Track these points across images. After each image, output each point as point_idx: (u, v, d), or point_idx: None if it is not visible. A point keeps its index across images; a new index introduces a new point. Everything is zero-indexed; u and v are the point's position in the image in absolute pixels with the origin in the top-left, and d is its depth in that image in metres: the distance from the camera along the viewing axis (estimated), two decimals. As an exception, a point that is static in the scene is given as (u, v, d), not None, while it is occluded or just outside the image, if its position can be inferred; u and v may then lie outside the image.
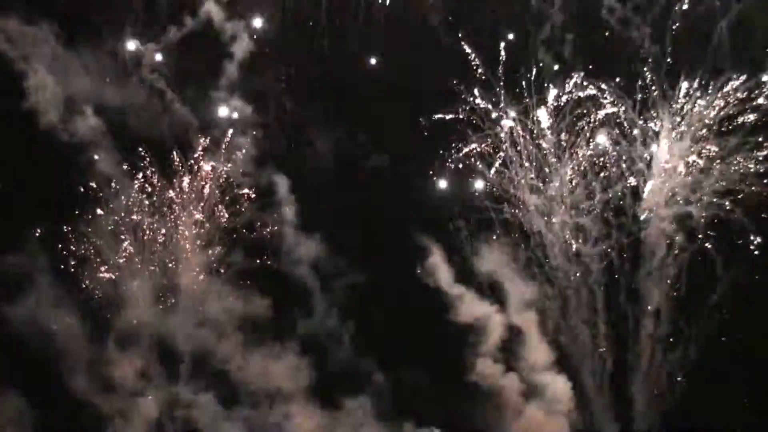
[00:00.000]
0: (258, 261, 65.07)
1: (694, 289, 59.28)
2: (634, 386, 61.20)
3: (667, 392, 60.13)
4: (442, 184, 62.92)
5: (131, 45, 62.72)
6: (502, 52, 60.41)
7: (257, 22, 63.35)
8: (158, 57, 63.45)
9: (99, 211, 63.59)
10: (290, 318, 65.90)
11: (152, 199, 64.81)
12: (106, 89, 62.90)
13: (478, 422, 63.22)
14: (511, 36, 61.25)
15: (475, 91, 60.90)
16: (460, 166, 62.78)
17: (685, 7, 57.38)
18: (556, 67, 61.33)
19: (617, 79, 59.56)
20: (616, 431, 62.41)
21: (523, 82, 61.06)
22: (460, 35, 60.97)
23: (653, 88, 58.71)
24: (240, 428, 63.97)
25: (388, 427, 63.97)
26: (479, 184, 62.37)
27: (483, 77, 61.19)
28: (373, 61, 63.24)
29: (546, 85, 60.46)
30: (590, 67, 60.57)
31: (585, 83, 59.51)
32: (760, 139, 56.41)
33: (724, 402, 59.77)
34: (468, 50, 60.53)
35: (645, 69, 59.04)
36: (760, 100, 56.26)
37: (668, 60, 58.62)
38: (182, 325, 64.93)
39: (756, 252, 56.37)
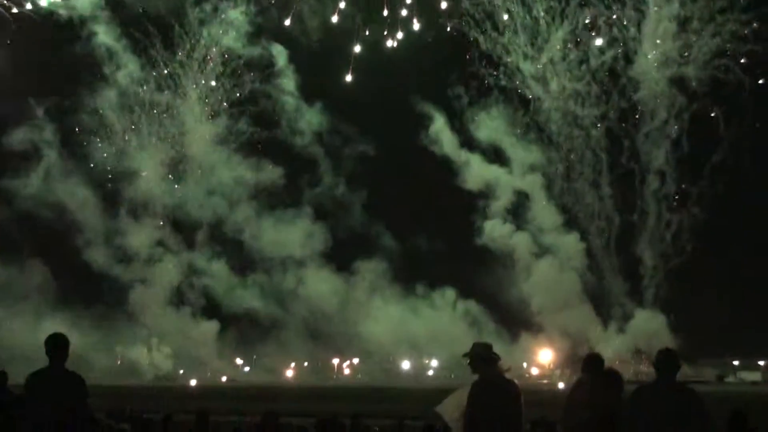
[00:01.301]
0: (264, 131, 65.15)
1: (697, 148, 59.09)
2: (641, 246, 61.35)
3: (674, 251, 60.27)
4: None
5: None
6: None
7: None
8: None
9: (104, 85, 63.30)
10: (300, 187, 66.16)
11: (157, 72, 64.47)
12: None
13: (490, 283, 63.83)
14: None
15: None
16: (455, 33, 62.04)
17: None
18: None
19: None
20: (624, 289, 63.07)
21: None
22: None
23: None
24: (255, 295, 64.71)
25: (401, 289, 64.83)
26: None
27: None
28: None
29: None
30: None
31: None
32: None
33: (730, 261, 60.45)
34: None
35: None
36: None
37: None
38: (194, 195, 65.33)
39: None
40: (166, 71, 64.69)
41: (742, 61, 56.86)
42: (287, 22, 63.20)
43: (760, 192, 57.12)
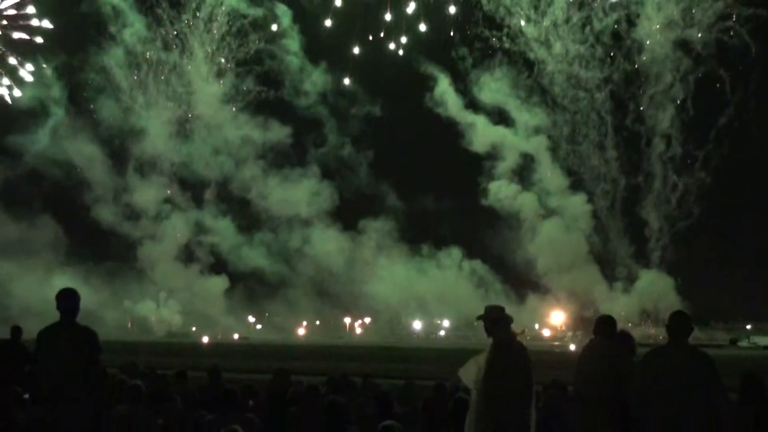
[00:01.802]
0: (271, 91, 64.97)
1: (703, 111, 58.86)
2: (647, 208, 61.49)
3: (680, 214, 60.26)
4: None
5: None
6: None
7: None
8: None
9: (111, 44, 63.00)
10: (305, 146, 66.08)
11: (163, 31, 64.13)
12: None
13: (496, 243, 64.05)
14: None
15: None
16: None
17: None
18: None
19: None
20: (630, 252, 63.15)
21: None
22: None
23: None
24: (261, 253, 64.98)
25: (407, 248, 65.10)
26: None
27: None
28: None
29: None
30: None
31: None
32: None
33: (737, 224, 60.51)
34: None
35: None
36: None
37: None
38: (201, 153, 65.38)
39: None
40: (172, 30, 64.42)
41: (747, 24, 56.40)
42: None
43: (766, 155, 56.96)
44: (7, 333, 13.53)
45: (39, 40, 61.23)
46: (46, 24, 60.98)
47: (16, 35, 61.31)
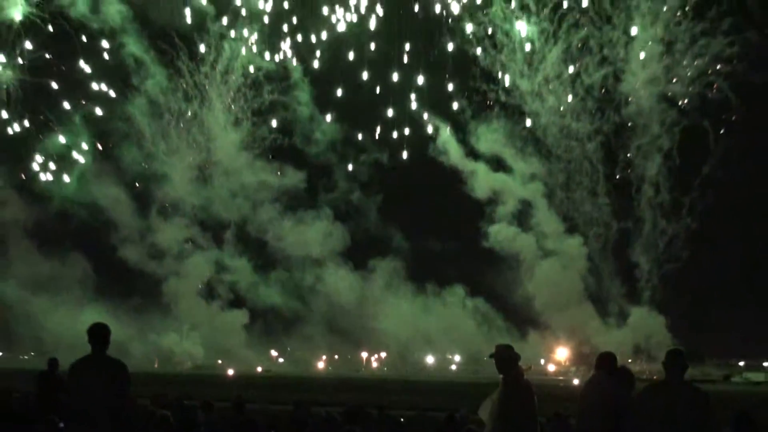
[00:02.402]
0: (285, 138, 65.56)
1: (688, 160, 58.99)
2: (637, 251, 61.30)
3: (669, 258, 60.11)
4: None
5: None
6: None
7: None
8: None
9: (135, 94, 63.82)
10: (318, 190, 66.54)
11: (184, 82, 64.86)
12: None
13: (497, 282, 64.15)
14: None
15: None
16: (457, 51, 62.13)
17: None
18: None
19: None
20: (622, 291, 63.24)
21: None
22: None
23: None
24: (277, 291, 65.27)
25: (413, 287, 65.29)
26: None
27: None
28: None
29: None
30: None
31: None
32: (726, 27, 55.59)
33: (722, 268, 60.42)
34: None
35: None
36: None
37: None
38: (220, 196, 65.87)
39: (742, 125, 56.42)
40: (192, 82, 65.08)
41: (728, 79, 56.87)
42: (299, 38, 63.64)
43: (750, 202, 57.05)
44: (40, 364, 13.66)
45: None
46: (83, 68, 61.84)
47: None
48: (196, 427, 9.91)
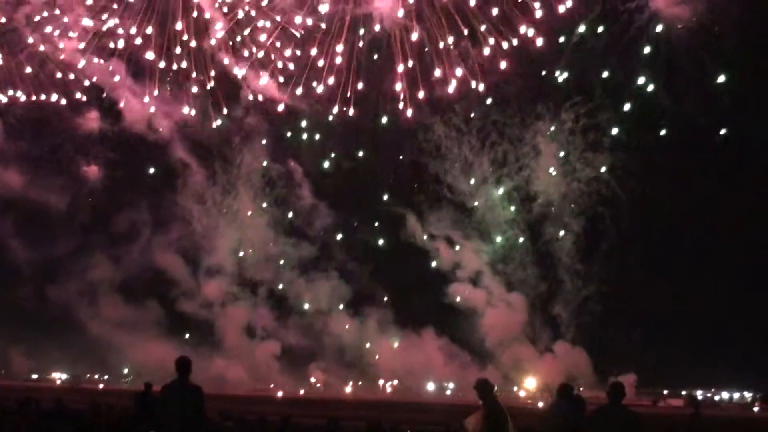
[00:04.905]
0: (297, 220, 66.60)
1: (593, 240, 60.15)
2: (559, 305, 62.34)
3: (584, 310, 61.23)
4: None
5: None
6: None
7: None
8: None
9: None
10: (325, 260, 66.82)
11: (220, 179, 66.29)
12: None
13: (456, 327, 64.16)
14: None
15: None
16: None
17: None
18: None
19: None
20: (550, 336, 63.71)
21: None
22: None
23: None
24: (294, 334, 65.60)
25: (397, 329, 65.56)
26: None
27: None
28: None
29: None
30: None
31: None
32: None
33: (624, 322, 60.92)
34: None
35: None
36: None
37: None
38: (252, 262, 66.42)
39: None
40: (224, 179, 66.44)
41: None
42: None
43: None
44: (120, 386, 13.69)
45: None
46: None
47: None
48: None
